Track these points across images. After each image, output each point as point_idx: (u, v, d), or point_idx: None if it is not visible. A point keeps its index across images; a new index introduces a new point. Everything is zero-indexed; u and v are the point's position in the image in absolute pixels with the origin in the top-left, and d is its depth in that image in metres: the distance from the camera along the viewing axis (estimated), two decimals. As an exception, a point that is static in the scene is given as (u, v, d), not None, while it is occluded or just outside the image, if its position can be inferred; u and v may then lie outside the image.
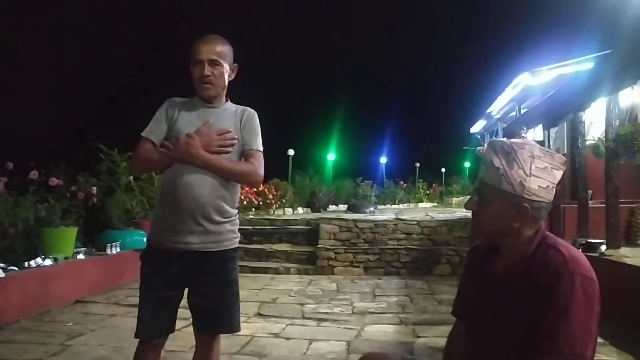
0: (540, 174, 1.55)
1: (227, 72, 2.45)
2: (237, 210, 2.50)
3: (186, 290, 2.43)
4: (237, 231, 2.49)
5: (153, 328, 2.35)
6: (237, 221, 2.50)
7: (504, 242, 1.62)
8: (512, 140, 1.63)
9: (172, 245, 2.32)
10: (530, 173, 1.54)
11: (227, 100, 2.52)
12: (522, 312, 1.49)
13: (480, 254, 1.74)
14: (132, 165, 2.59)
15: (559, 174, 1.59)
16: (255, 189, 10.79)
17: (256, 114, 2.55)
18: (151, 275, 2.36)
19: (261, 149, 2.49)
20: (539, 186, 1.55)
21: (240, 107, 2.54)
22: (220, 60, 2.40)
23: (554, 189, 1.58)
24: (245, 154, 2.45)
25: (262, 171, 2.46)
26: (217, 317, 2.40)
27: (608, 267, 4.88)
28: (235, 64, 2.51)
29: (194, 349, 4.02)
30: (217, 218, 2.36)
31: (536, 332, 1.44)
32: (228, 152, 2.39)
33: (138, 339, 2.37)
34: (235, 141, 2.41)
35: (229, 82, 2.50)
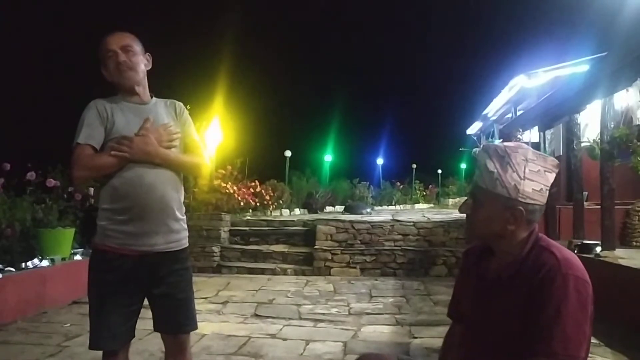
0: (534, 177, 1.56)
1: (142, 61, 2.39)
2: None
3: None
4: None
5: (122, 337, 2.28)
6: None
7: (498, 245, 1.63)
8: (506, 144, 1.64)
9: (137, 248, 2.24)
10: (524, 176, 1.55)
11: (152, 95, 2.46)
12: (516, 313, 1.51)
13: (475, 256, 1.76)
14: (76, 174, 2.25)
15: (551, 177, 1.60)
16: (251, 190, 10.81)
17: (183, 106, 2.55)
18: (117, 282, 2.24)
19: (199, 138, 2.51)
20: (532, 189, 1.56)
21: (167, 100, 2.51)
22: (133, 46, 2.35)
23: (547, 192, 1.60)
24: (187, 146, 2.44)
25: (209, 161, 2.51)
26: (187, 316, 2.39)
27: (603, 268, 4.91)
28: (149, 53, 2.44)
29: (191, 349, 4.02)
30: (179, 215, 2.36)
31: (529, 333, 1.45)
32: (176, 146, 2.36)
33: (95, 349, 2.26)
34: (180, 134, 2.39)
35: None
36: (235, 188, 10.03)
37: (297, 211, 12.91)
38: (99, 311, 2.26)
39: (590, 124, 8.42)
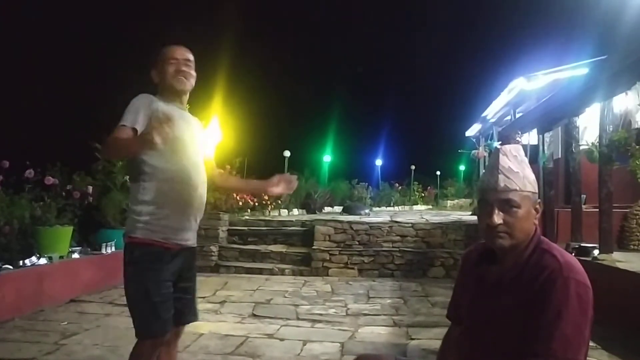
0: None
1: (194, 77, 2.62)
2: None
3: None
4: None
5: (168, 323, 2.42)
6: None
7: (515, 246, 1.61)
8: (510, 145, 1.68)
9: (178, 242, 2.43)
10: (531, 171, 1.64)
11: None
12: (516, 316, 1.51)
13: (475, 257, 1.76)
14: (110, 149, 2.47)
15: None
16: (250, 190, 10.80)
17: None
18: (161, 273, 2.38)
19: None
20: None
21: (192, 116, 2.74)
22: (193, 62, 2.59)
23: None
24: (206, 161, 2.66)
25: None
26: (194, 307, 2.61)
27: (600, 271, 4.92)
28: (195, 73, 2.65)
29: (188, 348, 4.04)
30: (202, 215, 2.58)
31: (529, 335, 1.46)
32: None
33: (147, 339, 2.39)
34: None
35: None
36: (233, 187, 10.01)
37: (295, 211, 12.89)
38: (148, 301, 2.35)
39: (589, 127, 8.44)
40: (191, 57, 2.58)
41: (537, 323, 1.46)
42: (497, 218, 1.58)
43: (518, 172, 1.60)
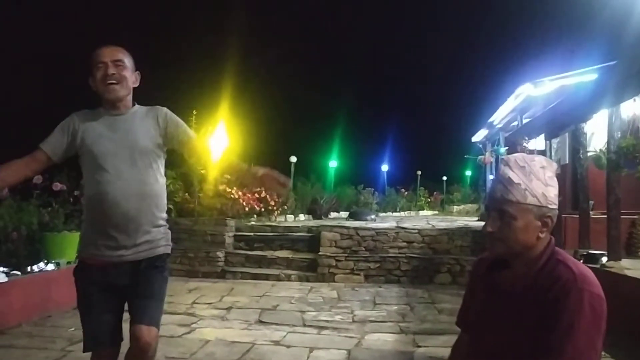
0: (552, 183, 1.59)
1: (131, 77, 2.41)
2: (166, 215, 2.52)
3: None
4: (169, 238, 2.50)
5: (104, 339, 2.39)
6: (167, 229, 2.50)
7: (521, 257, 1.60)
8: (519, 155, 1.65)
9: (106, 259, 2.35)
10: (547, 183, 1.58)
11: (134, 104, 2.47)
12: (527, 326, 1.50)
13: (486, 265, 1.75)
14: None
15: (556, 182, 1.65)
16: (256, 195, 10.81)
17: (167, 109, 2.53)
18: (92, 289, 2.37)
19: (192, 134, 2.57)
20: (554, 194, 1.59)
21: (150, 108, 2.51)
22: (124, 61, 2.37)
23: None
24: (190, 146, 2.54)
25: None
26: (153, 312, 2.38)
27: (609, 278, 4.87)
28: (138, 72, 2.47)
29: (195, 355, 4.04)
30: (148, 228, 2.38)
31: (541, 346, 1.45)
32: None
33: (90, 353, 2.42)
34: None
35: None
36: (240, 193, 10.03)
37: (301, 217, 12.90)
38: (83, 317, 2.41)
39: (596, 133, 8.39)
40: (122, 56, 2.37)
41: (549, 333, 1.44)
42: (489, 226, 1.60)
43: (519, 184, 1.56)
